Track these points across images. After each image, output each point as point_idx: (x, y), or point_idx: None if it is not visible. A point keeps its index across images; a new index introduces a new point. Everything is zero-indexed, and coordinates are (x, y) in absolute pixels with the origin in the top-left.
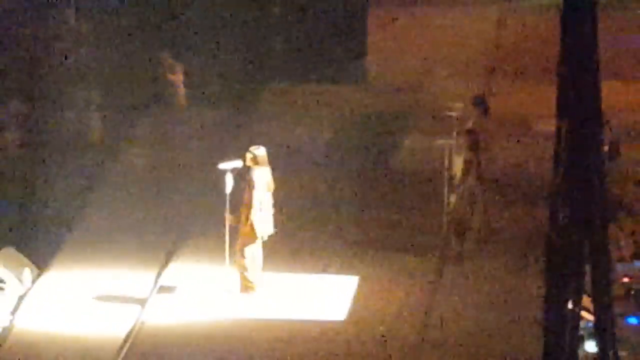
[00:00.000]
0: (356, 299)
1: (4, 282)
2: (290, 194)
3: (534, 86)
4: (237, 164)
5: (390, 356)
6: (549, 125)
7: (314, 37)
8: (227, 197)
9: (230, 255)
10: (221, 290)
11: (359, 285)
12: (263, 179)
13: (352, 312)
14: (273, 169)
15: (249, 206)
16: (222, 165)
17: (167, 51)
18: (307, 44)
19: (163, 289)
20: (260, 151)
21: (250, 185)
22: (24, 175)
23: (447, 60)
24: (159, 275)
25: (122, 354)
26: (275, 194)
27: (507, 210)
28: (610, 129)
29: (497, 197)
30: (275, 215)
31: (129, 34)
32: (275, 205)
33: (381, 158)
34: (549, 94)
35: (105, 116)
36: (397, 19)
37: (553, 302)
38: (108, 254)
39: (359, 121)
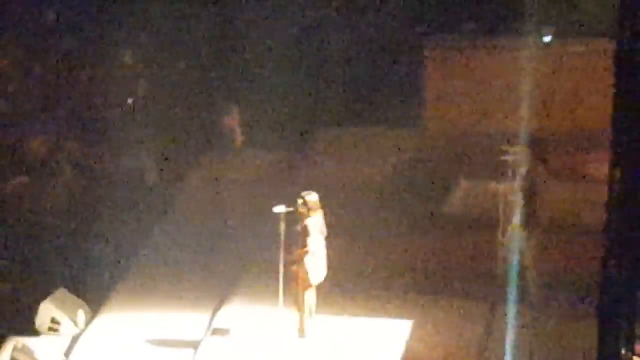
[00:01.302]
0: (410, 343)
1: (58, 324)
2: (344, 237)
3: (589, 130)
4: (291, 208)
5: None
6: (603, 171)
7: (370, 81)
8: (282, 241)
9: (285, 298)
10: (275, 334)
11: (413, 330)
12: (316, 225)
13: (406, 357)
14: (327, 212)
15: (304, 252)
16: (276, 209)
17: (224, 94)
18: (363, 88)
19: (217, 331)
20: (312, 197)
21: (304, 232)
22: (79, 215)
23: (503, 104)
24: (212, 317)
25: None
26: (329, 238)
27: (560, 255)
28: None
29: (549, 243)
30: (327, 261)
31: (186, 77)
32: (328, 249)
33: (436, 202)
34: (604, 140)
35: (160, 158)
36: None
37: (606, 348)
38: (161, 297)
39: (414, 164)
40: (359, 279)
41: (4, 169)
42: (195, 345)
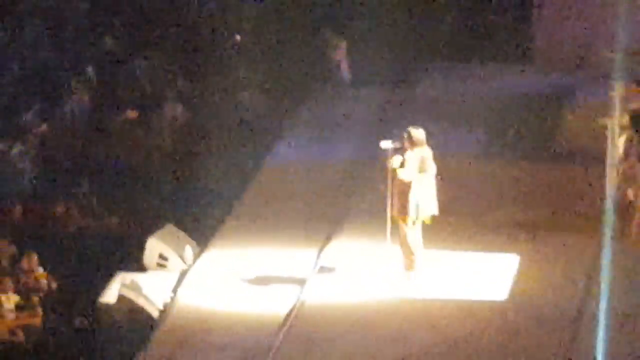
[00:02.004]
0: (517, 278)
1: (166, 259)
2: (451, 173)
3: None
4: (398, 143)
5: (550, 336)
6: None
7: (480, 15)
8: (389, 176)
9: (391, 233)
10: (382, 269)
11: (520, 265)
12: (415, 159)
13: (513, 292)
14: (434, 148)
15: (402, 186)
16: (384, 144)
17: (332, 28)
18: (473, 22)
19: (324, 269)
20: (418, 132)
21: (402, 166)
22: (187, 151)
23: (615, 39)
24: (319, 253)
25: (282, 334)
26: (436, 174)
27: None
28: None
29: None
30: (436, 197)
31: (293, 11)
32: (436, 185)
33: (543, 137)
34: None
35: (268, 95)
36: None
37: None
38: (269, 233)
39: (522, 100)
40: (467, 214)
41: (114, 103)
42: (302, 282)
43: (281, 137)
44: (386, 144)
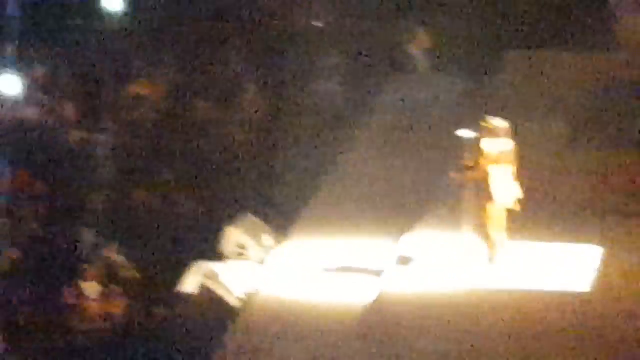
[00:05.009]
0: (602, 269)
1: (245, 249)
2: (532, 165)
3: None
4: (476, 132)
5: (637, 330)
6: None
7: (561, 1)
8: (465, 165)
9: (470, 223)
10: (462, 259)
11: (604, 257)
12: (493, 149)
13: (598, 283)
14: (513, 140)
15: (480, 175)
16: (461, 133)
17: (409, 18)
18: (554, 8)
19: (402, 259)
20: (496, 122)
21: (480, 155)
22: (265, 141)
23: None
24: (397, 244)
25: (360, 324)
26: (518, 164)
27: None
28: None
29: None
30: (516, 189)
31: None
32: (516, 178)
33: (628, 129)
34: None
35: (346, 83)
36: None
37: None
38: (347, 222)
39: (608, 90)
40: (548, 205)
41: (191, 95)
42: (379, 273)
43: (358, 126)
44: (464, 134)
